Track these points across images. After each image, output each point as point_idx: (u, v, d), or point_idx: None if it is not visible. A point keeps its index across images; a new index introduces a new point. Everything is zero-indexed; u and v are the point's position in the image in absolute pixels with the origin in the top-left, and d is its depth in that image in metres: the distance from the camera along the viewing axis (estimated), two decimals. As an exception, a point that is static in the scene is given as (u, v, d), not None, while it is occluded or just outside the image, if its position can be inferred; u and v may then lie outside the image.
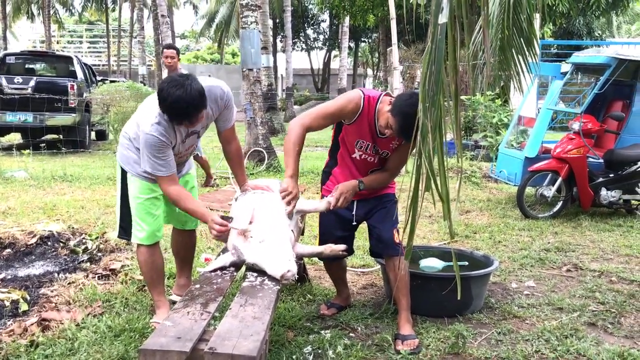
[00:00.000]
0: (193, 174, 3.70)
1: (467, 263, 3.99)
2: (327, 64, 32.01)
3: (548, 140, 7.47)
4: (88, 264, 4.48)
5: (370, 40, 31.62)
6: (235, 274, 2.93)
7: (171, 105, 2.85)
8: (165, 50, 6.89)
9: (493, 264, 3.83)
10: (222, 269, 2.95)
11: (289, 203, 3.10)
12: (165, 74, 4.90)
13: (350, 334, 3.39)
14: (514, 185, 6.90)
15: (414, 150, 1.64)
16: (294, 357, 3.02)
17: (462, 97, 11.46)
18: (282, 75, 26.64)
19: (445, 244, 5.32)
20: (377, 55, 30.24)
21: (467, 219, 6.35)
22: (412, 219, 1.49)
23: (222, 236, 3.07)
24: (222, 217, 3.02)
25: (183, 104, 2.82)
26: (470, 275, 3.65)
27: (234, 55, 36.84)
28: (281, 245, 2.95)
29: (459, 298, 2.29)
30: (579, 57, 6.96)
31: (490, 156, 8.82)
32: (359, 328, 3.47)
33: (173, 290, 3.88)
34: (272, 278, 2.80)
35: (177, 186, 3.19)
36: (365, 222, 3.54)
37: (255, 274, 2.86)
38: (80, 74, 12.39)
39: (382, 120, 3.17)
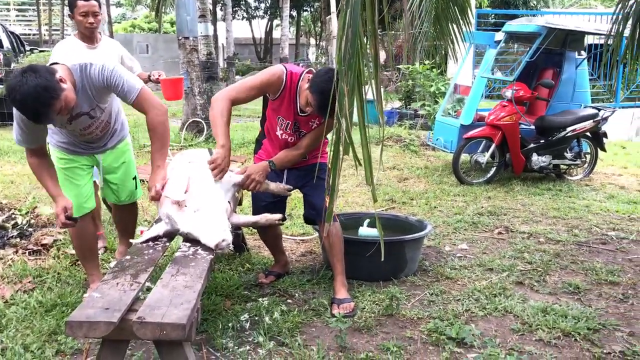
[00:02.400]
0: (126, 148, 3.56)
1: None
2: (269, 33, 31.51)
3: (483, 108, 7.66)
4: (18, 239, 4.32)
5: (312, 9, 31.30)
6: (167, 244, 2.89)
7: (19, 109, 2.68)
8: (80, 1, 3.80)
9: (426, 228, 3.93)
10: (155, 239, 2.90)
11: (216, 174, 3.07)
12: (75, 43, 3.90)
13: (288, 300, 3.43)
14: (450, 152, 7.06)
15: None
16: (230, 324, 3.03)
17: (401, 66, 11.57)
18: (222, 44, 26.06)
19: (383, 210, 5.41)
20: (319, 24, 30.03)
21: (405, 185, 6.47)
22: (333, 182, 1.50)
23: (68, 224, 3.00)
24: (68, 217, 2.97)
25: (26, 111, 2.63)
26: (404, 240, 3.74)
27: (172, 24, 35.61)
28: (216, 214, 2.92)
29: (382, 259, 2.34)
30: (511, 25, 7.12)
31: (429, 124, 8.98)
32: (297, 294, 3.51)
33: (115, 255, 3.92)
34: (205, 247, 2.78)
35: (37, 159, 3.00)
36: (299, 190, 3.56)
37: (188, 244, 2.83)
38: (6, 43, 11.76)
39: (302, 98, 3.18)
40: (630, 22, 4.15)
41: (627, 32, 4.21)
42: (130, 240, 3.16)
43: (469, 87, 7.65)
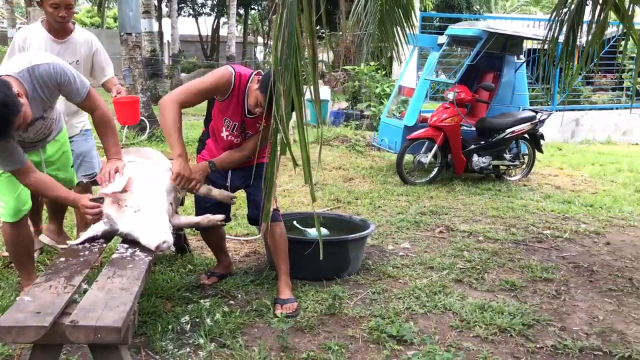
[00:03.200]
0: (65, 138, 3.40)
1: (327, 231, 4.08)
2: (215, 30, 31.15)
3: (427, 110, 7.81)
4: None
5: (260, 8, 31.15)
6: (105, 245, 2.81)
7: None
8: None
9: (369, 228, 3.97)
10: (92, 239, 2.82)
11: (193, 187, 3.08)
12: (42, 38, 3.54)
13: (230, 302, 3.39)
14: (395, 152, 7.17)
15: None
16: (170, 327, 2.97)
17: (347, 67, 11.66)
18: (168, 41, 25.59)
19: (328, 210, 5.44)
20: (267, 22, 29.91)
21: (350, 185, 6.52)
22: (270, 182, 1.49)
23: (98, 218, 2.91)
24: (94, 200, 2.89)
25: None
26: (347, 239, 3.77)
27: (115, 19, 34.80)
28: (157, 215, 2.87)
29: (325, 259, 2.35)
30: (454, 29, 7.29)
31: (374, 125, 9.08)
32: (239, 295, 3.48)
33: (44, 231, 3.85)
34: (144, 249, 2.72)
35: (35, 176, 2.87)
36: (243, 190, 3.54)
37: (126, 246, 2.76)
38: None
39: (251, 99, 3.17)
40: (564, 28, 4.32)
41: (562, 38, 4.38)
42: (67, 242, 3.06)
43: (412, 89, 7.79)
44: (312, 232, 4.02)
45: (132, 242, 2.78)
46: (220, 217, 3.18)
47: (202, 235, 3.81)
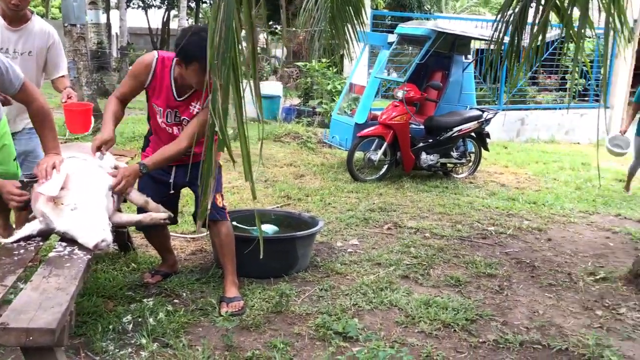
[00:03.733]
0: (5, 130, 3.24)
1: (277, 228, 4.06)
2: (166, 23, 30.52)
3: (378, 108, 7.87)
4: None
5: (211, 1, 30.72)
6: (41, 244, 2.70)
7: None
8: None
9: (318, 225, 3.96)
10: (27, 238, 2.70)
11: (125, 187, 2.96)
12: None
13: (174, 300, 3.33)
14: (345, 150, 7.19)
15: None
16: (111, 327, 2.89)
17: (299, 64, 11.63)
18: (116, 33, 24.92)
19: (278, 207, 5.41)
20: (219, 17, 29.43)
21: (301, 182, 6.51)
22: (206, 179, 1.45)
23: (23, 205, 2.78)
24: (23, 183, 2.75)
25: None
26: (295, 237, 3.75)
27: (61, 9, 33.66)
28: (96, 213, 2.77)
29: (261, 257, 2.32)
30: (403, 28, 7.37)
31: (326, 122, 9.09)
32: (184, 294, 3.41)
33: None
34: (83, 247, 2.63)
35: None
36: (189, 187, 3.47)
37: (64, 244, 2.65)
38: None
39: (177, 73, 3.09)
40: (510, 29, 4.42)
41: (508, 39, 4.47)
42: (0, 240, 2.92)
43: (363, 87, 7.83)
44: (263, 228, 3.98)
45: (70, 240, 2.69)
46: (163, 215, 3.09)
47: (145, 234, 3.70)
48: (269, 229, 4.06)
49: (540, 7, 3.68)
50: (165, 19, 30.79)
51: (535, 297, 3.72)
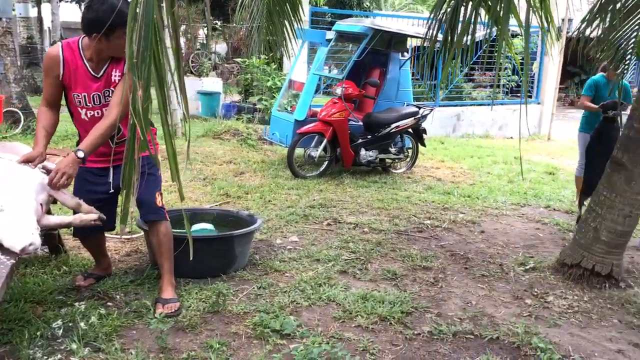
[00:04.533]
0: None
1: (213, 227, 4.01)
2: (102, 18, 29.56)
3: (319, 104, 7.89)
4: None
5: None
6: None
7: None
8: None
9: (256, 223, 3.94)
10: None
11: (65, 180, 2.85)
12: None
13: (108, 303, 3.24)
14: (286, 146, 7.18)
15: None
16: (39, 333, 2.79)
17: (238, 60, 11.53)
18: (48, 28, 23.94)
19: (217, 205, 5.35)
20: (157, 12, 28.78)
21: (241, 180, 6.46)
22: (129, 180, 1.41)
23: None
24: None
25: None
26: (232, 235, 3.72)
27: (-12, 1, 31.99)
28: (22, 215, 2.66)
29: (190, 259, 2.28)
30: (341, 25, 7.41)
31: (266, 119, 9.05)
32: (118, 296, 3.33)
33: None
34: (7, 251, 2.52)
35: None
36: None
37: (-14, 248, 2.54)
38: None
39: (88, 54, 3.01)
40: (443, 28, 4.51)
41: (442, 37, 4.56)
42: None
43: (303, 83, 7.83)
44: (197, 228, 3.93)
45: (-6, 244, 2.57)
46: (93, 216, 2.98)
47: (79, 237, 3.55)
48: (205, 228, 4.01)
49: (470, 6, 3.78)
50: (100, 13, 29.77)
51: (468, 288, 3.83)
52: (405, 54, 7.86)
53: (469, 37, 3.99)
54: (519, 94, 12.43)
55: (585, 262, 3.89)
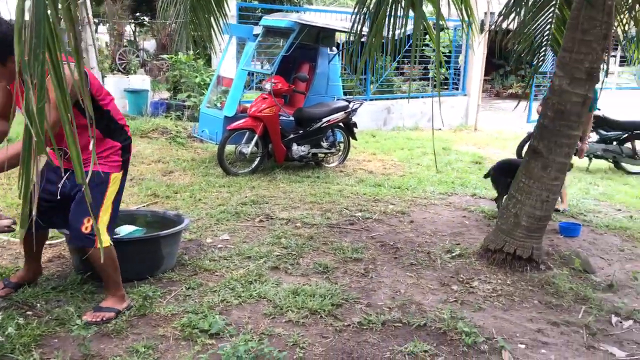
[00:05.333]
0: None
1: (138, 228, 3.91)
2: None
3: (250, 100, 7.83)
4: None
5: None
6: None
7: None
8: None
9: (184, 222, 3.87)
10: None
11: None
12: None
13: (27, 312, 3.10)
14: (216, 143, 7.09)
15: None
16: (-55, 351, 2.64)
17: (165, 57, 11.27)
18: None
19: (144, 206, 5.22)
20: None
21: (170, 179, 6.32)
22: (26, 184, 1.34)
23: None
24: None
25: None
26: (158, 236, 3.63)
27: None
28: None
29: (102, 261, 2.21)
30: (268, 20, 7.37)
31: (196, 116, 8.90)
32: (39, 304, 3.18)
33: None
34: None
35: None
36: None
37: None
38: None
39: None
40: (367, 22, 4.56)
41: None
42: None
43: (232, 79, 7.74)
44: (122, 230, 3.81)
45: None
46: (6, 222, 2.84)
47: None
48: (131, 230, 3.90)
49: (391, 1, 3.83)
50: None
51: (397, 277, 3.91)
52: (334, 48, 7.91)
53: (399, 31, 4.06)
54: (447, 87, 12.77)
55: (508, 246, 4.05)
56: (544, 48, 5.48)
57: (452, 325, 3.16)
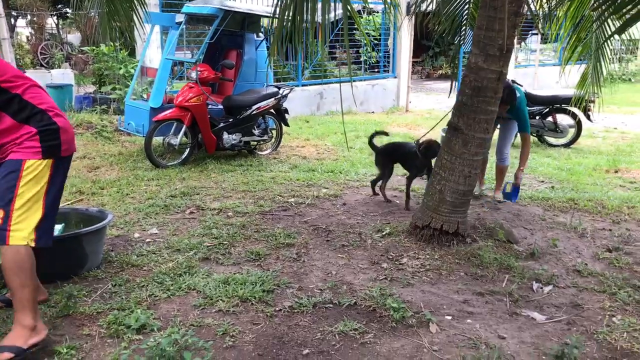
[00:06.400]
0: None
1: (60, 227, 3.76)
2: None
3: (177, 90, 7.66)
4: None
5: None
6: None
7: None
8: None
9: (107, 218, 3.75)
10: None
11: None
12: None
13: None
14: (143, 136, 6.90)
15: None
16: None
17: (86, 48, 10.87)
18: None
19: (68, 204, 5.03)
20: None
21: (96, 175, 6.12)
22: None
23: None
24: None
25: None
26: (79, 234, 3.51)
27: None
28: None
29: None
30: (189, 7, 7.20)
31: (122, 109, 8.63)
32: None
33: None
34: None
35: None
36: None
37: None
38: None
39: None
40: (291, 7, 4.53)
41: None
42: None
43: (156, 69, 7.54)
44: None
45: None
46: None
47: None
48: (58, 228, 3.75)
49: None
50: None
51: (329, 259, 3.94)
52: (260, 34, 7.83)
53: (328, 15, 4.04)
54: (378, 70, 12.90)
55: (434, 222, 4.15)
56: (464, 28, 5.61)
57: (382, 302, 3.21)
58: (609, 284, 3.59)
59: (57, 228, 3.75)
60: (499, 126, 5.52)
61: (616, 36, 5.23)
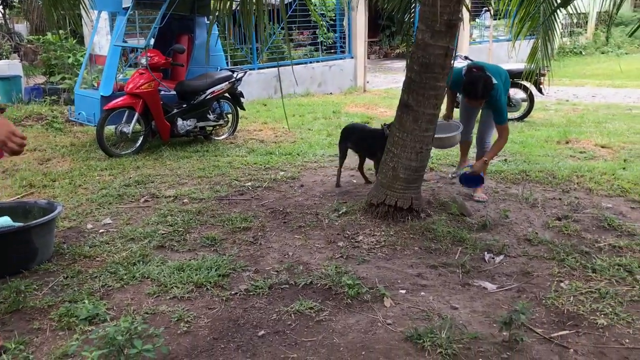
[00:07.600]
0: None
1: (8, 221, 3.67)
2: None
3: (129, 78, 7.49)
4: None
5: None
6: None
7: None
8: None
9: (56, 210, 3.67)
10: None
11: None
12: None
13: None
14: (94, 126, 6.75)
15: None
16: None
17: (31, 37, 10.53)
18: None
19: (17, 198, 4.90)
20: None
21: (47, 167, 5.97)
22: None
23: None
24: None
25: None
26: (27, 227, 3.43)
27: None
28: None
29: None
30: (134, -8, 7.03)
31: (72, 99, 8.41)
32: None
33: None
34: None
35: None
36: None
37: None
38: None
39: None
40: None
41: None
42: None
43: (106, 57, 7.36)
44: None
45: None
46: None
47: None
48: (6, 221, 3.65)
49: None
50: None
51: (286, 240, 3.95)
52: (211, 17, 7.69)
53: None
54: (334, 50, 12.86)
55: (389, 199, 4.19)
56: (413, 4, 5.62)
57: (337, 280, 3.24)
58: (557, 251, 3.70)
59: (1, 221, 3.66)
60: (481, 112, 5.16)
61: (564, 10, 5.34)
